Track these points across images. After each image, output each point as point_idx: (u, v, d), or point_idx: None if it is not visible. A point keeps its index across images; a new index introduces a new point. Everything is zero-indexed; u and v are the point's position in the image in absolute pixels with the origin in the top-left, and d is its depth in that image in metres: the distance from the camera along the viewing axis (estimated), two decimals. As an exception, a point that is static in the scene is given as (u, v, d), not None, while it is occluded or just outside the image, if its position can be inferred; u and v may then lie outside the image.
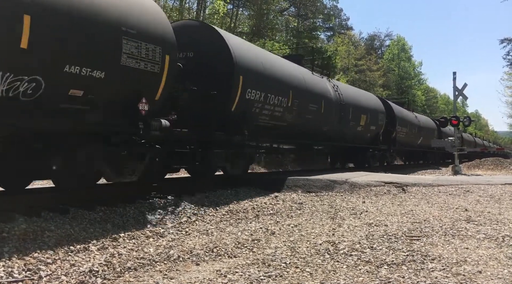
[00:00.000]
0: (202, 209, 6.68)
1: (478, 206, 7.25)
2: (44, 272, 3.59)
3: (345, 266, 3.92)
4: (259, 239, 5.03)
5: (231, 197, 7.78)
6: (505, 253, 4.28)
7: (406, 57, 51.91)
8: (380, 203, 7.63)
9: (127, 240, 4.78)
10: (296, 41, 30.27)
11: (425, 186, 9.50)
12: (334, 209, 7.03)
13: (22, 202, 5.39)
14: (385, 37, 58.00)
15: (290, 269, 3.84)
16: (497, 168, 19.40)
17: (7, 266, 3.57)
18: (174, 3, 20.97)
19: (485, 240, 4.87)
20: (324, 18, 35.83)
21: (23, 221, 4.56)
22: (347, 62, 39.27)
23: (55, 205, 5.45)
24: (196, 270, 3.90)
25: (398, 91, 47.89)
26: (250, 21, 26.79)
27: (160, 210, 6.22)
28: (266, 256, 4.27)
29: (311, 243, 4.77)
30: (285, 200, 7.85)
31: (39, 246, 4.12)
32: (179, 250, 4.51)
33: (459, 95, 17.56)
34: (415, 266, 3.87)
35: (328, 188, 9.00)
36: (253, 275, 3.67)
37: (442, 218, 6.16)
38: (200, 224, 5.91)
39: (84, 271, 3.70)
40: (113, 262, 3.99)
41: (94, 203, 5.74)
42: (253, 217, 6.49)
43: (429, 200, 8.00)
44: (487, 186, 9.53)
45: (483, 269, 3.75)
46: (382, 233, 5.17)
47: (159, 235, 5.16)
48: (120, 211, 5.79)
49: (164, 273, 3.80)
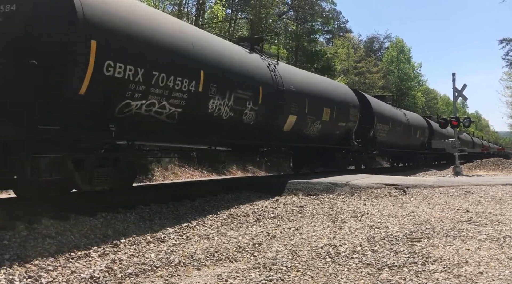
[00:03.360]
0: (203, 213, 6.68)
1: (479, 207, 7.24)
2: (45, 279, 3.60)
3: (346, 269, 3.91)
4: (260, 243, 5.02)
5: (232, 201, 7.78)
6: (507, 254, 4.27)
7: (406, 59, 51.87)
8: (381, 205, 7.62)
9: (128, 246, 4.78)
10: (295, 44, 30.33)
11: (426, 187, 9.49)
12: (335, 212, 7.03)
13: (23, 209, 5.40)
14: (384, 39, 58.27)
15: (291, 273, 3.84)
16: (498, 168, 19.36)
17: (8, 274, 3.57)
18: (173, 8, 21.04)
19: (487, 240, 4.86)
20: (323, 21, 35.89)
21: (24, 228, 4.57)
22: (347, 64, 39.31)
23: (56, 211, 5.45)
24: (197, 275, 3.90)
25: (397, 93, 47.88)
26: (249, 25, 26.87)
27: (161, 215, 6.23)
28: (267, 260, 4.27)
29: (312, 246, 4.77)
30: (286, 203, 7.85)
31: (40, 253, 4.12)
32: (180, 255, 4.51)
33: (459, 96, 17.57)
34: (417, 268, 3.86)
35: (329, 190, 9.00)
36: (254, 279, 3.66)
37: (443, 219, 6.15)
38: (201, 229, 5.91)
39: (85, 277, 3.70)
40: (114, 268, 3.99)
41: (94, 209, 5.74)
42: (254, 220, 6.49)
43: (430, 201, 7.98)
44: (488, 186, 9.52)
45: (485, 270, 3.75)
46: (383, 235, 5.17)
47: (159, 240, 5.15)
48: (121, 216, 5.79)
49: (165, 278, 3.80)
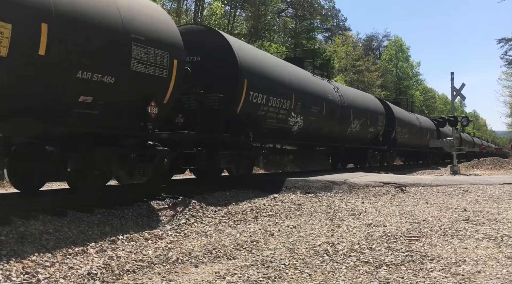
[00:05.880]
0: (200, 210, 6.67)
1: (476, 206, 7.25)
2: (42, 275, 3.58)
3: (344, 267, 3.91)
4: (258, 240, 5.02)
5: (230, 199, 7.77)
6: (504, 253, 4.28)
7: (404, 58, 51.93)
8: (379, 204, 7.62)
9: (126, 243, 4.77)
10: (293, 42, 30.30)
11: (424, 186, 9.50)
12: (333, 210, 7.03)
13: (19, 205, 5.38)
14: (383, 38, 58.24)
15: (289, 270, 3.83)
16: (495, 167, 19.40)
17: (5, 270, 3.56)
18: (171, 5, 20.99)
19: (484, 239, 4.86)
20: (322, 19, 35.87)
21: (21, 224, 4.55)
22: (345, 63, 39.29)
23: (53, 207, 5.44)
24: (195, 272, 3.89)
25: (396, 91, 47.92)
26: (248, 22, 26.82)
27: (159, 212, 6.21)
28: (265, 257, 4.27)
29: (310, 244, 4.77)
30: (284, 201, 7.84)
31: (37, 249, 4.11)
32: (178, 252, 4.50)
33: (457, 95, 17.57)
34: (414, 266, 3.86)
35: (327, 188, 9.01)
36: (252, 276, 3.66)
37: (441, 218, 6.16)
38: (199, 226, 5.91)
39: (82, 274, 3.69)
40: (111, 264, 3.98)
41: (92, 205, 5.73)
42: (252, 218, 6.48)
43: (427, 200, 8.00)
44: (485, 185, 9.53)
45: (482, 269, 3.75)
46: (381, 234, 5.17)
47: (157, 237, 5.15)
48: (119, 213, 5.77)
49: (163, 275, 3.79)
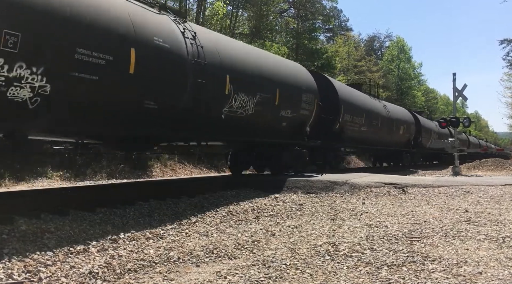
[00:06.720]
0: (202, 210, 6.67)
1: (478, 207, 7.24)
2: (44, 274, 3.59)
3: (345, 267, 3.91)
4: (259, 240, 5.02)
5: (231, 198, 7.78)
6: (506, 254, 4.28)
7: (406, 58, 51.82)
8: (380, 204, 7.62)
9: (127, 242, 4.78)
10: (295, 42, 30.27)
11: (425, 187, 9.49)
12: (334, 210, 7.03)
13: (22, 203, 5.39)
14: (385, 38, 58.16)
15: (290, 271, 3.83)
16: (497, 169, 19.37)
17: (7, 268, 3.56)
18: (173, 4, 20.96)
19: (486, 241, 4.86)
20: (324, 20, 35.80)
21: (23, 223, 4.56)
22: (347, 63, 39.22)
23: (55, 206, 5.44)
24: (196, 272, 3.90)
25: (397, 92, 47.82)
26: (250, 22, 26.78)
27: (160, 211, 6.22)
28: (266, 257, 4.27)
29: (311, 244, 4.77)
30: (285, 201, 7.85)
31: (39, 248, 4.11)
32: (179, 251, 4.51)
33: (459, 96, 17.55)
34: (416, 267, 3.86)
35: (328, 189, 9.00)
36: (253, 276, 3.66)
37: (442, 219, 6.15)
38: (200, 225, 5.91)
39: (84, 272, 3.70)
40: (113, 263, 3.99)
41: (94, 204, 5.74)
42: (253, 218, 6.48)
43: (429, 201, 7.99)
44: (487, 186, 9.52)
45: (484, 270, 3.75)
46: (382, 234, 5.17)
47: (159, 237, 5.15)
48: (120, 212, 5.78)
49: (164, 274, 3.80)
